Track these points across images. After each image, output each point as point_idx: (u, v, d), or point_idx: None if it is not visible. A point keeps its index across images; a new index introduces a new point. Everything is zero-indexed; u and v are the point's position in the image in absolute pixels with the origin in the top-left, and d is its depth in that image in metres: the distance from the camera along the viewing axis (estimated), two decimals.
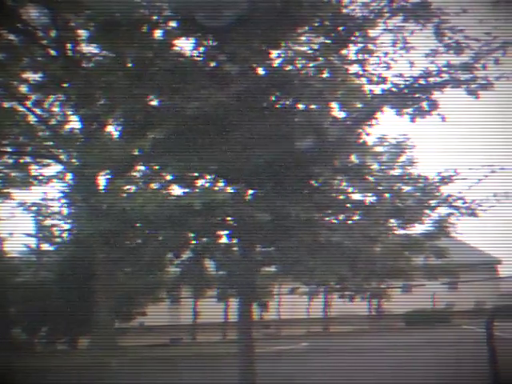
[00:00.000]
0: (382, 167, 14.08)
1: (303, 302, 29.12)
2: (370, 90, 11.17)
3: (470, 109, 12.26)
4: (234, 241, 11.72)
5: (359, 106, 11.08)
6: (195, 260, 11.68)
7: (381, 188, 12.00)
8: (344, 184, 11.89)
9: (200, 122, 10.44)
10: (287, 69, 10.70)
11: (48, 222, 25.45)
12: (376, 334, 27.31)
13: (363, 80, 11.06)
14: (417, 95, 10.91)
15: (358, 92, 11.06)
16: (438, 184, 12.50)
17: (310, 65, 10.78)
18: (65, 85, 16.38)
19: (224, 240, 11.76)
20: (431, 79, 10.87)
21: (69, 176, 21.46)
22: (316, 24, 10.67)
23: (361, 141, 11.46)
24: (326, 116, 10.82)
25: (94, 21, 11.03)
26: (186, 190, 11.39)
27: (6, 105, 20.45)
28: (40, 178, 23.28)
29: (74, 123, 21.20)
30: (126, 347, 22.20)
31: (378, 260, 11.94)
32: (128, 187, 12.24)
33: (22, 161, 22.59)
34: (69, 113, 21.03)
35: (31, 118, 21.02)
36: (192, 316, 29.90)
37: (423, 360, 14.28)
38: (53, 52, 18.80)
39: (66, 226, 24.36)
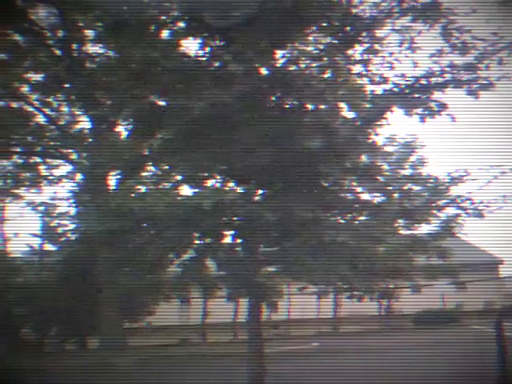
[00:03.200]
0: (392, 167, 14.07)
1: (313, 303, 29.12)
2: (372, 91, 11.18)
3: (477, 110, 12.26)
4: (243, 241, 11.71)
5: (367, 106, 11.07)
6: (203, 259, 11.69)
7: (390, 188, 11.98)
8: (354, 184, 11.88)
9: (209, 122, 10.45)
10: (296, 68, 10.71)
11: (57, 221, 25.52)
12: (386, 333, 27.28)
13: (369, 80, 11.06)
14: (425, 95, 10.90)
15: (364, 92, 11.05)
16: (447, 184, 12.49)
17: (318, 65, 10.78)
18: (74, 85, 16.41)
19: (232, 240, 11.77)
20: (439, 79, 10.86)
21: (79, 176, 21.50)
22: (324, 24, 10.68)
23: (370, 141, 11.44)
24: (334, 116, 10.82)
25: (102, 21, 11.07)
26: (196, 190, 11.39)
27: (14, 105, 20.49)
28: (50, 178, 23.32)
29: (84, 123, 21.24)
30: (134, 347, 22.24)
31: (387, 260, 11.94)
32: (138, 187, 12.27)
33: (32, 161, 22.64)
34: (78, 113, 21.07)
35: (40, 119, 21.06)
36: (201, 316, 29.95)
37: (432, 360, 14.26)
38: (60, 52, 18.83)
39: (75, 226, 24.39)
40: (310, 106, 10.96)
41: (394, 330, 28.38)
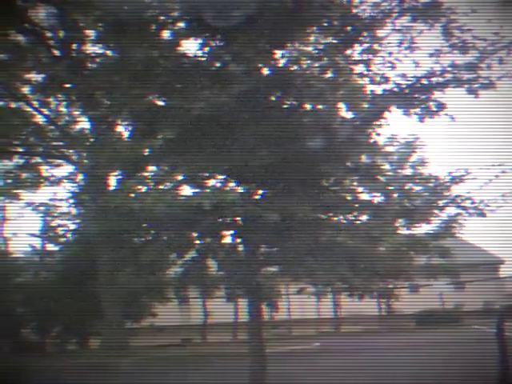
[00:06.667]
0: (393, 167, 14.04)
1: (313, 303, 29.13)
2: (371, 91, 11.15)
3: (478, 109, 12.24)
4: (243, 241, 11.70)
5: (367, 105, 11.04)
6: (203, 260, 11.68)
7: (391, 188, 11.96)
8: (354, 184, 11.85)
9: (210, 122, 10.44)
10: (295, 69, 10.70)
11: (57, 222, 25.53)
12: (386, 333, 27.28)
13: (368, 80, 11.04)
14: (424, 95, 10.87)
15: (364, 92, 11.03)
16: (447, 184, 12.44)
17: (317, 65, 10.77)
18: (73, 85, 16.42)
19: (232, 240, 11.76)
20: (437, 79, 10.83)
21: (80, 176, 21.53)
22: (325, 24, 10.67)
23: (370, 141, 11.42)
24: (334, 116, 10.80)
25: (102, 21, 11.07)
26: (196, 190, 11.39)
27: (13, 105, 20.51)
28: (51, 178, 23.35)
29: (84, 123, 21.25)
30: (135, 347, 22.25)
31: (387, 260, 11.93)
32: (138, 187, 12.26)
33: (33, 161, 22.67)
34: (79, 113, 21.08)
35: (41, 119, 21.08)
36: (203, 316, 29.97)
37: (433, 360, 14.25)
38: (60, 53, 18.83)
39: (75, 226, 24.41)
40: (310, 106, 10.95)
41: (396, 329, 28.37)
